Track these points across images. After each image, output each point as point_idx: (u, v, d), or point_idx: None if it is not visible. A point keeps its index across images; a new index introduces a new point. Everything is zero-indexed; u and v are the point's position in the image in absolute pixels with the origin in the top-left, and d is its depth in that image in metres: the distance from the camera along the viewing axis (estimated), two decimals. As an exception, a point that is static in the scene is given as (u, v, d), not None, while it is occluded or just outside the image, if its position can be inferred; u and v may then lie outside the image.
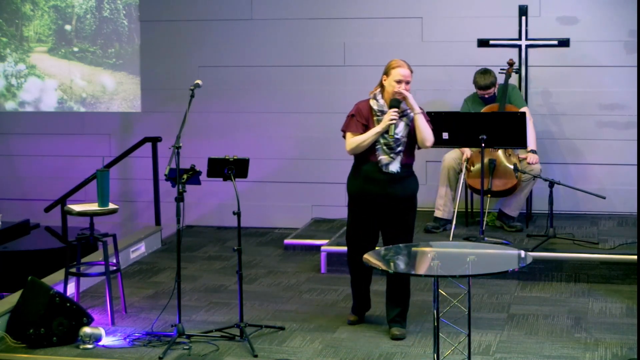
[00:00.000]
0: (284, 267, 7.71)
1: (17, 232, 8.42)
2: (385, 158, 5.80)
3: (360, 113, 5.87)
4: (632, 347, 5.54)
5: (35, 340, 5.72)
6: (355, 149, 5.83)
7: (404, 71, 5.79)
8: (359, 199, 5.91)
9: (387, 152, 5.80)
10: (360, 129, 5.84)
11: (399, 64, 5.81)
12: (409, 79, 5.79)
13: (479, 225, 7.51)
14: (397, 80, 5.77)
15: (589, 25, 8.52)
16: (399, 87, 5.76)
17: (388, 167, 5.81)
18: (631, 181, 8.20)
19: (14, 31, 9.67)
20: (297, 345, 5.79)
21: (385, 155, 5.80)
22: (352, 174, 5.97)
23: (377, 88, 5.91)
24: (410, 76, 5.80)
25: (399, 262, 5.13)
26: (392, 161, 5.80)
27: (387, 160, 5.80)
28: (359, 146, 5.81)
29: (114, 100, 9.52)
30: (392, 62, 5.85)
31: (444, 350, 5.18)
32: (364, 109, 5.89)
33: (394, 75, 5.79)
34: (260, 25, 9.06)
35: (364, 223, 5.93)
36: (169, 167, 5.79)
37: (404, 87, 5.77)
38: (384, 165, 5.80)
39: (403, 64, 5.82)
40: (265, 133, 9.13)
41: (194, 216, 9.19)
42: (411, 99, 5.79)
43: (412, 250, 5.36)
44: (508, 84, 8.11)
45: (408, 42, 8.79)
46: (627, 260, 7.02)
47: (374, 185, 5.83)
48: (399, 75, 5.78)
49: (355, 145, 5.82)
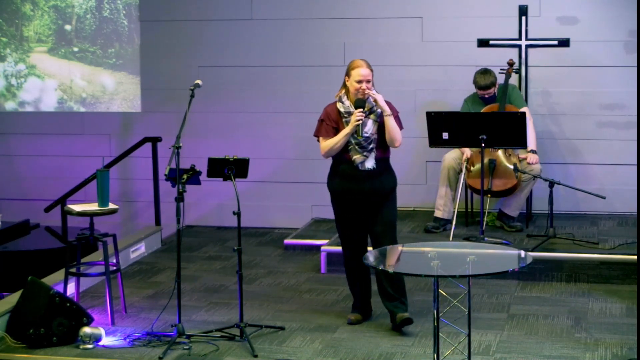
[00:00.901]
0: (284, 267, 7.71)
1: (17, 232, 8.42)
2: (358, 157, 5.93)
3: (329, 117, 6.02)
4: (632, 347, 5.54)
5: (35, 340, 5.72)
6: (329, 152, 5.99)
7: (364, 71, 5.87)
8: (339, 197, 6.05)
9: (360, 152, 5.92)
10: (330, 132, 5.99)
11: (358, 64, 5.90)
12: (369, 77, 5.87)
13: (479, 225, 7.51)
14: (357, 80, 5.87)
15: (589, 25, 8.52)
16: (359, 87, 5.86)
17: (364, 164, 5.94)
18: (631, 181, 8.20)
19: (14, 31, 9.67)
20: (297, 345, 5.80)
21: (358, 155, 5.93)
22: (331, 174, 6.12)
23: (342, 90, 6.01)
24: (370, 75, 5.88)
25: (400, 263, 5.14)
26: (366, 159, 5.93)
27: (361, 158, 5.93)
28: (332, 149, 5.96)
29: (114, 100, 9.53)
30: (352, 63, 5.95)
31: (444, 350, 5.18)
32: (332, 113, 6.03)
33: (354, 75, 5.89)
34: (260, 25, 9.06)
35: (349, 219, 6.06)
36: (169, 167, 5.80)
37: (364, 85, 5.85)
38: (359, 163, 5.93)
39: (362, 63, 5.90)
40: (265, 133, 9.13)
41: (194, 216, 9.19)
42: (381, 101, 5.90)
43: (412, 250, 5.36)
44: (508, 84, 8.11)
45: (408, 42, 8.79)
46: (627, 260, 7.02)
47: (352, 182, 5.96)
48: (358, 75, 5.87)
49: (328, 148, 5.98)
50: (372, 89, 5.92)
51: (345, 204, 6.04)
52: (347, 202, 6.03)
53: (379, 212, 5.99)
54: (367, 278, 6.22)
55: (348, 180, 5.97)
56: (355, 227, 6.07)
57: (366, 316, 6.22)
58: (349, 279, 6.23)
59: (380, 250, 5.32)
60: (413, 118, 8.54)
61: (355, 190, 5.96)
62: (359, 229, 6.07)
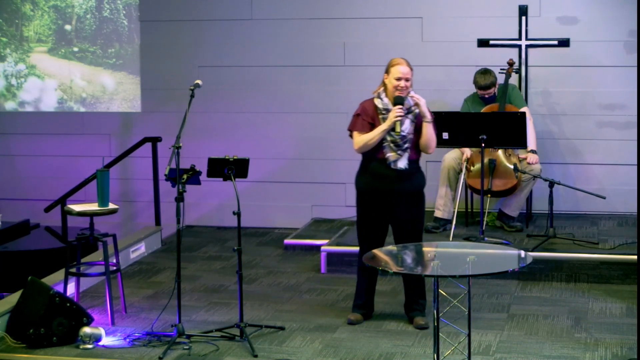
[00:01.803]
0: (284, 267, 7.71)
1: (17, 232, 8.42)
2: (392, 155, 5.90)
3: (366, 112, 5.99)
4: (632, 347, 5.54)
5: (35, 340, 5.72)
6: (362, 147, 5.94)
7: (403, 68, 5.89)
8: (367, 195, 6.01)
9: (395, 149, 5.90)
10: (366, 127, 5.94)
11: (399, 62, 5.93)
12: (408, 76, 5.89)
13: (479, 225, 7.51)
14: (397, 77, 5.88)
15: (589, 25, 8.52)
16: (398, 84, 5.87)
17: (396, 163, 5.91)
18: (631, 181, 8.19)
19: (14, 31, 9.67)
20: (297, 345, 5.79)
21: (393, 152, 5.90)
22: (360, 171, 6.07)
23: (381, 87, 6.01)
24: (409, 73, 5.91)
25: (400, 262, 5.14)
26: (400, 158, 5.91)
27: (395, 157, 5.90)
28: (367, 144, 5.91)
29: (114, 100, 9.53)
30: (392, 61, 5.97)
31: (444, 350, 5.18)
32: (369, 108, 6.00)
33: (394, 73, 5.90)
34: (260, 25, 9.06)
35: (373, 219, 6.02)
36: (169, 167, 5.79)
37: (403, 83, 5.87)
38: (392, 162, 5.91)
39: (402, 61, 5.93)
40: (265, 133, 9.13)
41: (194, 216, 9.19)
42: (423, 106, 5.91)
43: (412, 250, 5.36)
44: (508, 84, 8.10)
45: (408, 42, 8.78)
46: (627, 260, 7.02)
47: (382, 181, 5.94)
48: (398, 72, 5.88)
49: (362, 143, 5.92)
50: (411, 90, 5.93)
51: (372, 202, 6.00)
52: (374, 201, 5.99)
53: (408, 212, 5.98)
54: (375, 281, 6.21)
55: (378, 179, 5.95)
56: (377, 226, 6.04)
57: (367, 315, 6.20)
58: (359, 275, 6.18)
59: (380, 251, 5.31)
60: (413, 118, 8.53)
61: (385, 190, 5.95)
62: (381, 227, 6.05)
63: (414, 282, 6.09)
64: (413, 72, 5.95)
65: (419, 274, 4.95)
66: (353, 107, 6.14)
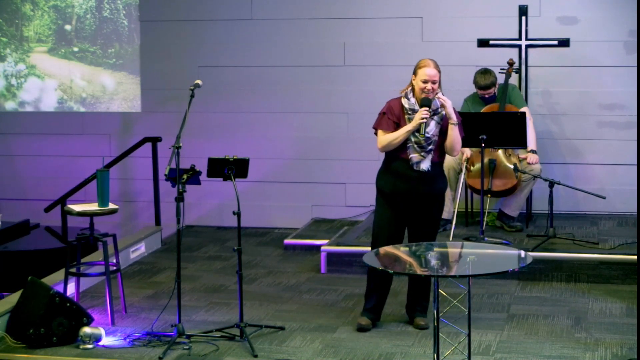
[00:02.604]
0: (284, 267, 7.71)
1: (17, 232, 8.42)
2: (416, 156, 5.85)
3: (392, 111, 5.93)
4: (632, 347, 5.54)
5: (35, 340, 5.71)
6: (386, 146, 5.88)
7: (430, 71, 5.83)
8: (388, 195, 5.94)
9: (418, 151, 5.84)
10: (391, 126, 5.89)
11: (426, 64, 5.87)
12: (435, 78, 5.84)
13: (479, 225, 7.51)
14: (423, 80, 5.83)
15: (589, 25, 8.52)
16: (425, 86, 5.82)
17: (419, 165, 5.86)
18: (631, 181, 8.20)
19: (14, 31, 9.67)
20: (297, 345, 5.79)
21: (417, 154, 5.85)
22: (383, 171, 6.01)
23: (409, 87, 5.95)
24: (436, 76, 5.85)
25: (399, 262, 5.14)
26: (423, 159, 5.86)
27: (418, 158, 5.85)
28: (391, 144, 5.86)
29: (114, 100, 9.53)
30: (420, 62, 5.91)
31: (444, 350, 5.18)
32: (395, 107, 5.94)
33: (420, 75, 5.85)
34: (260, 25, 9.07)
35: (392, 219, 5.95)
36: (169, 167, 5.79)
37: (430, 86, 5.82)
38: (415, 163, 5.85)
39: (430, 63, 5.87)
40: (265, 133, 9.13)
41: (194, 216, 9.19)
42: (449, 107, 5.87)
43: (411, 250, 5.36)
44: (508, 84, 8.11)
45: (408, 42, 8.79)
46: (627, 260, 7.02)
47: (404, 182, 5.88)
48: (424, 75, 5.83)
49: (387, 142, 5.87)
50: (439, 91, 5.89)
51: (392, 203, 5.93)
52: (394, 202, 5.92)
53: (428, 213, 5.94)
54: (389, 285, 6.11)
55: (401, 180, 5.89)
56: (395, 226, 5.95)
57: (377, 319, 6.09)
58: (373, 277, 6.04)
59: (380, 251, 5.31)
60: (413, 118, 8.53)
61: (406, 191, 5.88)
62: (399, 229, 5.97)
63: (420, 283, 6.07)
64: (441, 74, 5.89)
65: (419, 274, 4.94)
66: (353, 107, 6.14)
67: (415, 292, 6.11)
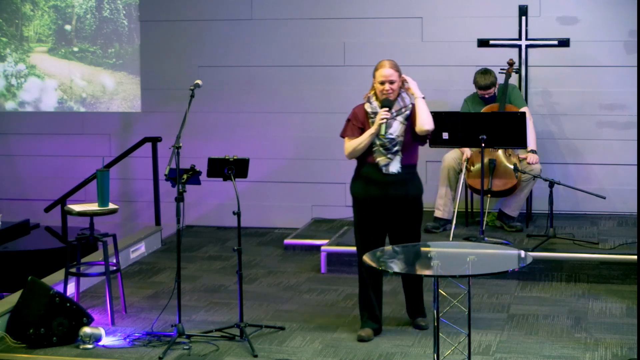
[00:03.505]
0: (284, 267, 7.71)
1: (17, 232, 8.42)
2: (382, 159, 5.78)
3: (356, 117, 5.88)
4: (632, 347, 5.54)
5: (35, 340, 5.72)
6: (352, 152, 5.84)
7: (386, 71, 5.77)
8: (362, 201, 5.88)
9: (384, 153, 5.77)
10: (356, 132, 5.84)
11: (381, 65, 5.81)
12: (391, 78, 5.77)
13: (479, 225, 7.51)
14: (380, 81, 5.78)
15: (589, 25, 8.52)
16: (382, 88, 5.77)
17: (387, 168, 5.78)
18: (631, 181, 8.19)
19: (14, 31, 9.67)
20: (297, 345, 5.79)
21: (383, 157, 5.78)
22: (354, 177, 5.95)
23: (371, 91, 5.89)
24: (393, 75, 5.77)
25: (400, 262, 5.14)
26: (391, 162, 5.78)
27: (385, 161, 5.78)
28: (356, 149, 5.81)
29: (114, 100, 9.53)
30: (377, 64, 5.85)
31: (444, 350, 5.18)
32: (359, 113, 5.90)
33: (377, 77, 5.80)
34: (260, 25, 9.07)
35: (370, 225, 5.87)
36: (169, 167, 5.80)
37: (388, 87, 5.75)
38: (383, 166, 5.78)
39: (385, 64, 5.81)
40: (265, 133, 9.13)
41: (194, 216, 9.19)
42: (412, 84, 5.85)
43: (412, 250, 5.36)
44: (508, 84, 8.11)
45: (408, 42, 8.79)
46: (627, 260, 7.02)
47: (375, 187, 5.81)
48: (381, 76, 5.78)
49: (352, 149, 5.83)
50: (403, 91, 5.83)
51: (367, 209, 5.84)
52: (369, 208, 5.83)
53: (403, 222, 5.84)
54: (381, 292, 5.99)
55: (371, 185, 5.81)
56: (374, 232, 5.86)
57: (378, 330, 5.94)
58: (362, 287, 5.94)
59: (380, 251, 5.31)
60: (413, 118, 8.53)
61: (379, 196, 5.79)
62: (378, 234, 5.87)
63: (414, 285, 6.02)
64: (400, 73, 5.82)
65: (419, 274, 4.95)
66: (353, 107, 6.11)
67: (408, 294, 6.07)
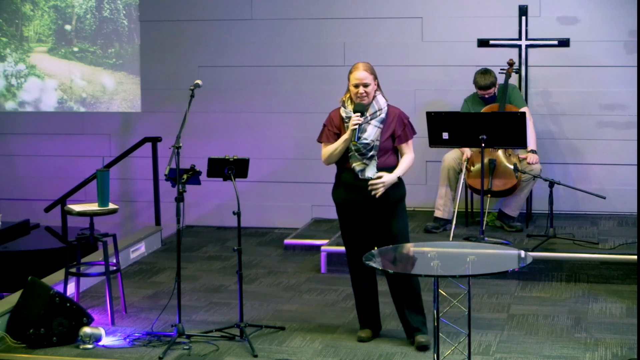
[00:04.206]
0: (284, 267, 7.71)
1: (17, 232, 8.42)
2: (358, 165, 5.63)
3: (332, 122, 5.75)
4: (632, 347, 5.54)
5: (35, 340, 5.72)
6: (328, 158, 5.73)
7: (360, 74, 5.58)
8: (343, 207, 5.73)
9: (360, 159, 5.62)
10: (332, 138, 5.72)
11: (356, 67, 5.62)
12: (365, 81, 5.58)
13: (479, 225, 7.51)
14: (354, 84, 5.59)
15: (589, 25, 8.52)
16: (357, 91, 5.58)
17: (363, 173, 5.62)
18: (631, 181, 8.19)
19: (14, 31, 9.67)
20: (297, 345, 5.79)
21: (358, 162, 5.63)
22: (335, 183, 5.81)
23: (347, 94, 5.71)
24: (367, 78, 5.58)
25: (400, 263, 5.14)
26: (366, 167, 5.62)
27: (361, 166, 5.63)
28: (331, 155, 5.70)
29: (114, 100, 9.53)
30: (352, 66, 5.66)
31: (444, 350, 5.18)
32: (335, 118, 5.75)
33: (351, 79, 5.62)
34: (260, 25, 9.06)
35: (353, 230, 5.73)
36: (169, 167, 5.80)
37: (362, 90, 5.56)
38: (359, 171, 5.62)
39: (360, 66, 5.62)
40: (265, 133, 9.13)
41: (194, 216, 9.19)
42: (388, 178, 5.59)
43: (412, 250, 5.36)
44: (508, 84, 8.11)
45: (408, 42, 8.79)
46: (627, 260, 7.02)
47: (354, 192, 5.65)
48: (354, 79, 5.59)
49: (327, 155, 5.72)
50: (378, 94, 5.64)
51: (348, 215, 5.71)
52: (350, 213, 5.70)
53: (386, 226, 5.66)
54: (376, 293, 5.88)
55: (350, 190, 5.66)
56: (361, 239, 5.70)
57: (377, 330, 5.91)
58: (354, 290, 5.88)
59: (380, 251, 5.30)
60: (413, 118, 8.46)
61: (357, 201, 5.64)
62: (365, 242, 5.68)
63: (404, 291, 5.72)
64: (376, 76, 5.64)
65: (419, 274, 4.94)
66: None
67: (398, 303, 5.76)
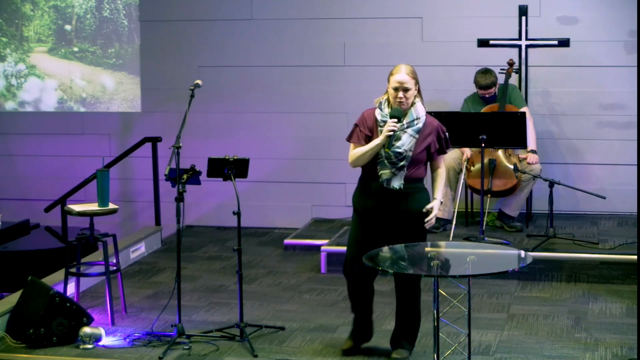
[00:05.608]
0: (284, 267, 7.71)
1: (17, 232, 8.42)
2: (385, 173, 5.32)
3: (364, 123, 5.42)
4: (632, 347, 5.54)
5: (35, 340, 5.72)
6: (355, 161, 5.40)
7: (400, 77, 5.29)
8: (363, 214, 5.44)
9: (389, 167, 5.31)
10: (362, 139, 5.40)
11: (397, 70, 5.33)
12: (406, 85, 5.29)
13: (479, 225, 7.51)
14: (394, 87, 5.30)
15: (589, 25, 8.52)
16: (396, 94, 5.30)
17: (389, 182, 5.32)
18: (631, 181, 8.19)
19: (14, 31, 9.67)
20: (297, 345, 5.79)
21: (387, 170, 5.31)
22: (357, 188, 5.50)
23: (384, 96, 5.42)
24: (408, 82, 5.29)
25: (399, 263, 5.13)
26: (394, 177, 5.31)
27: (388, 175, 5.32)
28: (359, 159, 5.37)
29: (114, 100, 9.53)
30: (393, 68, 5.37)
31: (444, 350, 5.18)
32: (368, 119, 5.42)
33: (391, 82, 5.32)
34: (260, 25, 9.06)
35: (368, 238, 5.41)
36: (169, 167, 5.79)
37: (401, 94, 5.29)
38: (385, 180, 5.32)
39: (400, 69, 5.33)
40: (265, 133, 9.13)
41: (194, 216, 9.19)
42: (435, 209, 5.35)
43: (412, 250, 5.35)
44: (508, 84, 8.11)
45: (408, 42, 8.79)
46: (627, 260, 7.02)
47: (377, 200, 5.37)
48: (394, 82, 5.30)
49: (355, 157, 5.39)
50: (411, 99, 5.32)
51: (367, 222, 5.41)
52: (369, 221, 5.40)
53: (404, 234, 5.33)
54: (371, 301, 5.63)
55: (373, 198, 5.36)
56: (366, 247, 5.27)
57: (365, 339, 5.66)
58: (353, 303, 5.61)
59: (380, 251, 5.29)
60: (413, 118, 8.54)
61: (380, 211, 5.35)
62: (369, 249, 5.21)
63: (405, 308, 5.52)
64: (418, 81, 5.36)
65: (419, 274, 4.94)
66: (353, 107, 6.09)
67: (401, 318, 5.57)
